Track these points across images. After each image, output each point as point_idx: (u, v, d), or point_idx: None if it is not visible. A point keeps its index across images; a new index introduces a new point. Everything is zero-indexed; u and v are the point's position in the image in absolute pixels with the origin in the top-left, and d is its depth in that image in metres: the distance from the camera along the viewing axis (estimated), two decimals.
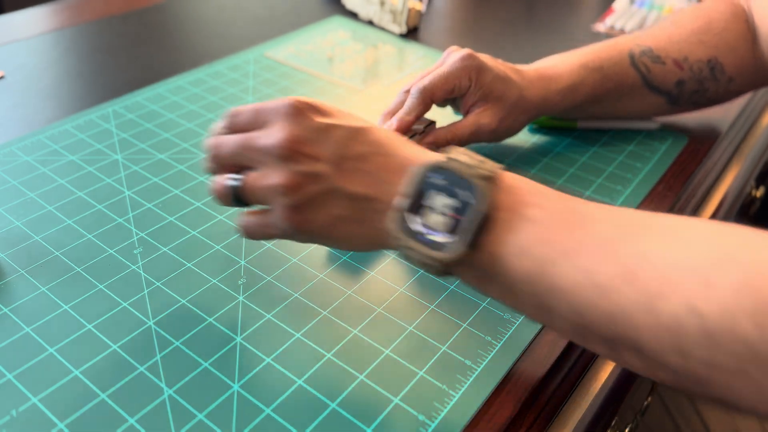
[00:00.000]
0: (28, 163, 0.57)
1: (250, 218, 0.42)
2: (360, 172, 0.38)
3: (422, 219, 0.36)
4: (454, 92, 0.56)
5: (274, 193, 0.38)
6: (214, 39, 0.84)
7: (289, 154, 0.38)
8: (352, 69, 0.78)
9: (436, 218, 0.35)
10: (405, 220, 0.36)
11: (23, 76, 0.72)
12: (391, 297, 0.46)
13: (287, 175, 0.38)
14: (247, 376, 0.40)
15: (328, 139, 0.38)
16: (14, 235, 0.49)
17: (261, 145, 0.39)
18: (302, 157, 0.38)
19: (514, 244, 0.34)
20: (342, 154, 0.38)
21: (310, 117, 0.39)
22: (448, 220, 0.35)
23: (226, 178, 0.41)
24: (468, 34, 0.92)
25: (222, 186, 0.41)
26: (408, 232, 0.36)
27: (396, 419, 0.38)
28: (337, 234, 0.39)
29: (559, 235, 0.34)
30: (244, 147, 0.40)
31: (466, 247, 0.34)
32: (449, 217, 0.35)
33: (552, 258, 0.33)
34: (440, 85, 0.55)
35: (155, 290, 0.45)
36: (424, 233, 0.35)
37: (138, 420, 0.37)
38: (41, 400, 0.38)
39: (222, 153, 0.41)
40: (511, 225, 0.34)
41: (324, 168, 0.38)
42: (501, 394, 0.40)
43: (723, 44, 0.60)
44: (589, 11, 1.04)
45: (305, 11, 0.94)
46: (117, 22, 0.86)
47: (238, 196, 0.40)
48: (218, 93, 0.70)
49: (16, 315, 0.43)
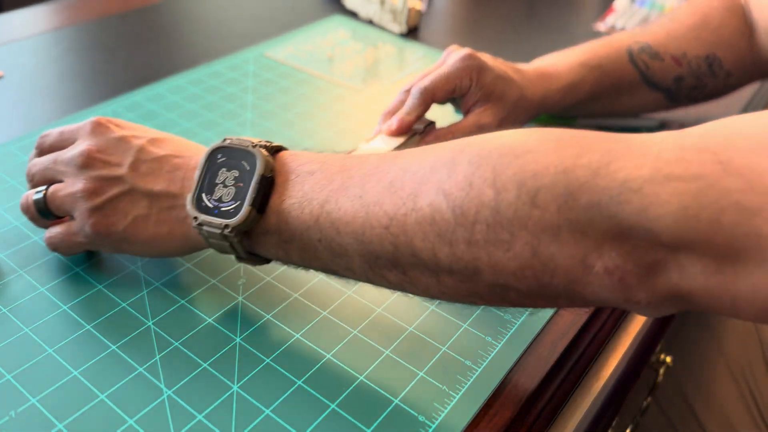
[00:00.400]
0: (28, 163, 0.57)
1: (54, 229, 0.44)
2: (157, 172, 0.41)
3: (213, 195, 0.39)
4: (455, 92, 0.56)
5: (75, 198, 0.41)
6: (214, 38, 0.84)
7: (90, 162, 0.41)
8: (352, 69, 0.78)
9: (223, 191, 0.39)
10: (200, 200, 0.39)
11: (23, 75, 0.72)
12: (391, 297, 0.46)
13: (87, 180, 0.41)
14: (247, 377, 0.40)
15: (127, 148, 0.42)
16: (13, 235, 0.49)
17: (64, 158, 0.42)
18: (101, 164, 0.41)
19: (296, 196, 0.37)
20: (139, 158, 0.41)
21: (111, 129, 0.43)
22: (233, 190, 0.38)
23: (32, 192, 0.44)
24: (468, 33, 0.92)
25: (26, 199, 0.44)
26: (201, 208, 0.39)
27: (396, 420, 0.38)
28: (142, 235, 0.41)
29: (334, 177, 0.37)
30: (51, 162, 0.43)
31: (251, 207, 0.37)
32: (234, 187, 0.38)
33: (330, 197, 0.36)
34: (441, 85, 0.55)
35: (154, 290, 0.45)
36: (216, 206, 0.39)
37: (137, 420, 0.37)
38: (40, 401, 0.38)
39: (33, 172, 0.44)
40: (294, 182, 0.38)
41: (122, 171, 0.41)
42: (501, 395, 0.40)
43: (720, 39, 0.61)
44: (589, 10, 1.03)
45: (305, 10, 0.94)
46: (116, 22, 0.86)
47: (43, 208, 0.43)
48: (217, 92, 0.70)
49: (15, 315, 0.43)
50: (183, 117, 0.65)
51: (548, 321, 0.45)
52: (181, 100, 0.68)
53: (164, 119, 0.65)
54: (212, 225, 0.38)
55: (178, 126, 0.64)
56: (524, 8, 1.03)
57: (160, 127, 0.63)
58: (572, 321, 0.46)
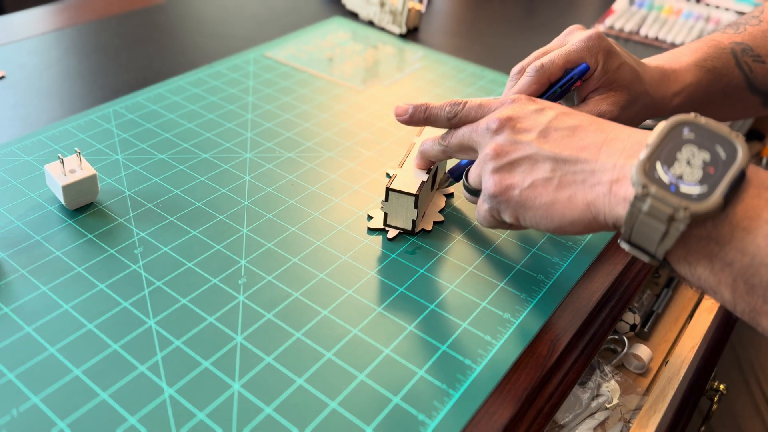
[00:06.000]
0: (29, 163, 0.57)
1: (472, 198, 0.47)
2: (568, 139, 0.40)
3: (670, 169, 0.34)
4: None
5: (484, 161, 0.42)
6: (215, 39, 0.84)
7: (502, 128, 0.42)
8: (352, 69, 0.78)
9: (686, 169, 0.33)
10: (653, 169, 0.34)
11: (24, 76, 0.72)
12: (391, 297, 0.46)
13: (496, 143, 0.42)
14: (248, 376, 0.40)
15: (542, 116, 0.42)
16: (15, 234, 0.49)
17: (480, 128, 0.44)
18: (512, 130, 0.42)
19: None
20: (551, 126, 0.41)
21: (533, 102, 0.43)
22: (700, 173, 0.33)
23: None
24: (468, 34, 0.92)
25: None
26: (655, 180, 0.33)
27: (396, 419, 0.38)
28: (540, 200, 0.40)
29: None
30: (470, 131, 0.45)
31: (722, 200, 0.32)
32: (703, 171, 0.33)
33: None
34: (561, 63, 0.50)
35: (156, 290, 0.45)
36: (673, 183, 0.33)
37: (139, 419, 0.37)
38: (42, 400, 0.38)
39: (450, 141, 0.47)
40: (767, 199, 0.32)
41: (531, 137, 0.41)
42: (501, 394, 0.40)
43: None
44: (588, 12, 1.04)
45: (305, 12, 0.94)
46: (117, 22, 0.86)
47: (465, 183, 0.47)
48: (218, 93, 0.70)
49: (16, 315, 0.43)
50: (184, 117, 0.66)
51: (547, 321, 0.46)
52: (182, 101, 0.68)
53: (165, 120, 0.65)
54: (665, 201, 0.33)
55: (180, 126, 0.64)
56: (524, 9, 1.03)
57: (161, 128, 0.64)
58: (570, 321, 0.46)
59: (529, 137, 0.41)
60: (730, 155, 0.33)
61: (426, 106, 0.49)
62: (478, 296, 0.47)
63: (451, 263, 0.50)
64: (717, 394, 0.63)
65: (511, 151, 0.41)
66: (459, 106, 0.47)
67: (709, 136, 0.34)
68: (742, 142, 0.34)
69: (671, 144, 0.34)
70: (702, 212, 0.32)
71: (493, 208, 0.43)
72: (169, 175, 0.57)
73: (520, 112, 0.42)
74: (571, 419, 0.50)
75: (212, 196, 0.55)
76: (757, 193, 0.33)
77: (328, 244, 0.51)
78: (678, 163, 0.34)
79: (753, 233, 0.32)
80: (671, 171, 0.34)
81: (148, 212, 0.53)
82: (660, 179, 0.33)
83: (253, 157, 0.61)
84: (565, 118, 0.41)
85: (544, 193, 0.39)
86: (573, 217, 0.38)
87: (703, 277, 0.34)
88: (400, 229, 0.52)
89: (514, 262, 0.50)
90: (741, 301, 0.33)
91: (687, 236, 0.34)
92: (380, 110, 0.70)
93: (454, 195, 0.57)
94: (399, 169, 0.52)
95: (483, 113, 0.45)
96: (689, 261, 0.34)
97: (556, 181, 0.39)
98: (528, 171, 0.40)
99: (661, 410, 0.47)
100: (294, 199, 0.55)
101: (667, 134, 0.35)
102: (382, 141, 0.64)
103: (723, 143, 0.34)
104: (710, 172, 0.33)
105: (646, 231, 0.34)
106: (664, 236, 0.34)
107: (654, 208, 0.33)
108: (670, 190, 0.33)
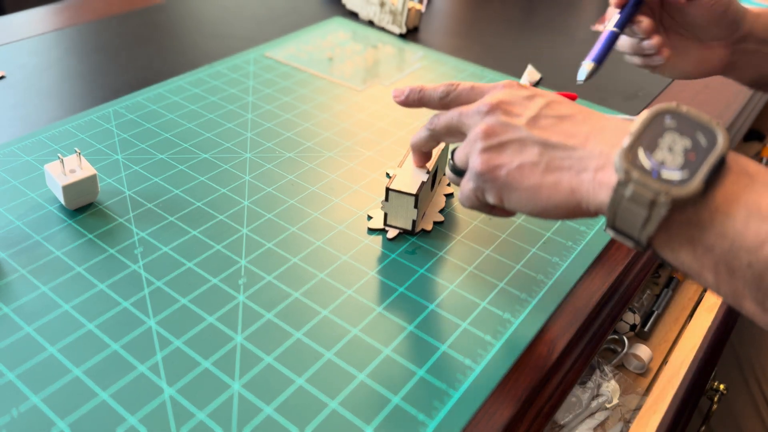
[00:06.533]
0: (29, 163, 0.57)
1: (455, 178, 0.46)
2: (557, 127, 0.40)
3: (652, 155, 0.35)
4: None
5: (472, 141, 0.42)
6: (215, 39, 0.84)
7: (493, 110, 0.42)
8: (352, 69, 0.78)
9: (667, 155, 0.35)
10: (636, 155, 0.35)
11: (24, 76, 0.72)
12: (391, 297, 0.46)
13: (485, 124, 0.42)
14: (248, 376, 0.40)
15: (533, 103, 0.42)
16: (15, 234, 0.49)
17: (470, 110, 0.44)
18: (503, 113, 0.42)
19: (749, 204, 0.33)
20: (541, 113, 0.41)
21: (524, 88, 0.44)
22: (681, 159, 0.34)
23: None
24: (468, 34, 0.92)
25: None
26: (637, 165, 0.34)
27: (396, 419, 0.38)
28: (525, 182, 0.40)
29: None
30: (458, 114, 0.45)
31: (702, 185, 0.33)
32: (684, 157, 0.34)
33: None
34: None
35: (156, 290, 0.45)
36: (654, 169, 0.34)
37: (139, 419, 0.37)
38: (42, 400, 0.38)
39: (437, 123, 0.47)
40: (748, 189, 0.33)
41: (521, 122, 0.41)
42: (501, 394, 0.40)
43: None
44: (589, 12, 1.04)
45: (306, 12, 0.94)
46: (117, 22, 0.87)
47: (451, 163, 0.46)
48: (218, 93, 0.70)
49: (16, 315, 0.43)
50: (184, 117, 0.66)
51: (547, 321, 0.46)
52: (182, 101, 0.68)
53: (165, 120, 0.65)
54: (646, 186, 0.34)
55: (180, 126, 0.64)
56: (524, 9, 1.03)
57: (161, 128, 0.64)
58: (570, 321, 0.46)
59: (519, 121, 0.41)
60: (711, 142, 0.34)
61: (421, 87, 0.49)
62: (478, 296, 0.47)
63: (451, 263, 0.50)
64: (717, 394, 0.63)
65: (501, 132, 0.41)
66: (452, 86, 0.47)
67: (690, 124, 0.35)
68: (722, 130, 0.35)
69: (653, 131, 0.35)
70: (682, 197, 0.33)
71: (478, 188, 0.43)
72: (169, 175, 0.57)
73: (512, 97, 0.43)
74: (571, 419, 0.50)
75: (212, 196, 0.55)
76: (736, 179, 0.34)
77: (328, 244, 0.51)
78: (660, 150, 0.35)
79: (732, 217, 0.33)
80: (653, 157, 0.35)
81: (148, 212, 0.53)
82: (642, 165, 0.34)
83: (253, 157, 0.61)
84: (555, 105, 0.42)
85: (530, 175, 0.40)
86: (557, 202, 0.39)
87: (687, 261, 0.35)
88: (400, 229, 0.52)
89: (514, 262, 0.50)
90: (724, 285, 0.34)
91: (669, 221, 0.34)
92: (380, 110, 0.70)
93: (453, 195, 0.57)
94: (399, 169, 0.52)
95: (475, 96, 0.46)
96: (672, 246, 0.35)
97: (543, 165, 0.39)
98: (516, 153, 0.41)
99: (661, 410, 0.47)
100: (294, 199, 0.56)
101: (650, 122, 0.36)
102: (382, 141, 0.64)
103: (704, 131, 0.35)
104: (691, 158, 0.34)
105: (629, 216, 0.35)
106: (646, 221, 0.34)
107: (636, 194, 0.34)
108: (652, 175, 0.34)
